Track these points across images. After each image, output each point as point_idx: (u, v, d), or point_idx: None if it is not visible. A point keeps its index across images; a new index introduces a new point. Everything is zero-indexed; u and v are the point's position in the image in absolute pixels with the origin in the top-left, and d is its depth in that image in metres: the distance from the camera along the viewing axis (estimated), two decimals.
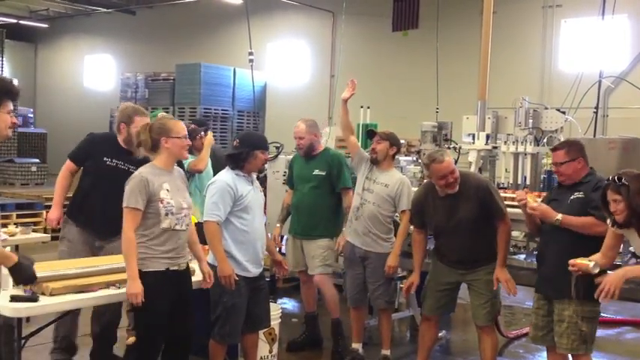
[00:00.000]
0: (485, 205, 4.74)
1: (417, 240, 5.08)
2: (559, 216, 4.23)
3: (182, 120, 15.93)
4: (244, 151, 4.57)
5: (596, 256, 3.97)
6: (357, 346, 5.60)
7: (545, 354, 5.84)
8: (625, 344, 6.23)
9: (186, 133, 4.16)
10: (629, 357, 5.73)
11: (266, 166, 7.64)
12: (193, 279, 4.42)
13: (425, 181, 5.54)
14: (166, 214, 3.99)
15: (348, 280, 5.56)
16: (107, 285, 4.07)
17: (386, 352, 5.52)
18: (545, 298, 4.44)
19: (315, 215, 5.68)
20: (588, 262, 3.92)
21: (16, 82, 4.02)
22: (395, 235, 5.38)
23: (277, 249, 5.64)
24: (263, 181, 6.85)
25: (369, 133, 5.67)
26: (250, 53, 7.74)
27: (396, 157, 7.67)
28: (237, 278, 4.46)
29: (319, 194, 5.69)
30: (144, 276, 3.92)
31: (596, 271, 3.90)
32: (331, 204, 5.75)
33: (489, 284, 4.78)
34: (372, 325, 6.22)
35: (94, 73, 21.56)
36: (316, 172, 5.72)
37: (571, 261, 3.99)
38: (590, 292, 3.96)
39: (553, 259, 4.29)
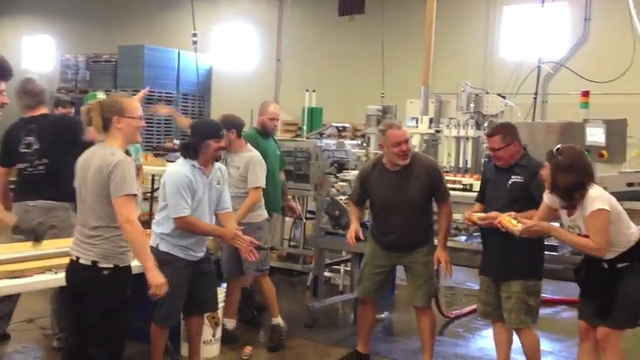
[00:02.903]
0: (433, 185, 4.79)
1: (353, 207, 5.09)
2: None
3: None
4: (196, 140, 4.45)
5: (527, 222, 4.07)
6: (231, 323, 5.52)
7: (484, 332, 6.06)
8: (561, 323, 6.42)
9: (142, 114, 3.79)
10: (564, 335, 5.90)
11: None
12: (134, 263, 4.35)
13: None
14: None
15: (225, 257, 5.46)
16: (44, 270, 3.97)
17: (277, 320, 5.50)
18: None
19: None
20: (515, 225, 4.03)
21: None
22: None
23: None
24: None
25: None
26: (194, 35, 7.62)
27: (343, 141, 7.81)
28: (258, 242, 4.48)
29: None
30: (125, 271, 3.72)
31: (517, 234, 4.02)
32: None
33: (427, 266, 4.85)
34: (317, 307, 6.26)
35: (33, 54, 20.95)
36: None
37: (499, 218, 4.12)
38: (534, 268, 4.32)
39: (499, 244, 4.39)
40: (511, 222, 4.09)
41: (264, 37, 17.77)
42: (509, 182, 4.45)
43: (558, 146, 4.00)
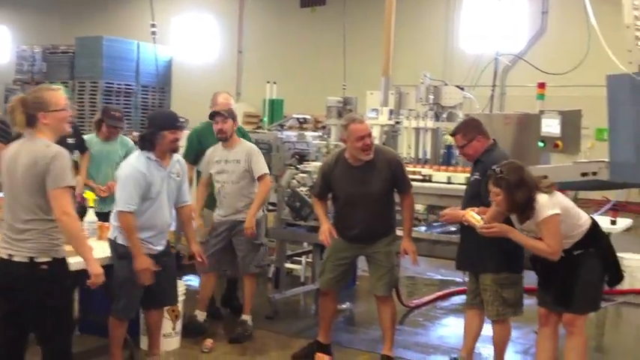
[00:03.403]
0: (395, 178, 4.82)
1: (317, 202, 5.11)
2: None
3: (83, 94, 15.34)
4: (151, 132, 4.39)
5: (487, 222, 4.15)
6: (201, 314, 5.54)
7: (443, 321, 6.15)
8: None
9: (67, 102, 3.63)
10: (521, 322, 5.99)
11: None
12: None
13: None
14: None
15: (208, 249, 5.39)
16: None
17: (247, 317, 5.55)
18: None
19: None
20: (478, 221, 4.12)
21: None
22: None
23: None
24: None
25: (212, 115, 5.45)
26: (153, 26, 7.52)
27: (304, 133, 7.82)
28: (155, 269, 4.35)
29: None
30: (62, 262, 3.61)
31: (479, 229, 4.12)
32: None
33: (389, 256, 4.89)
34: (278, 298, 6.27)
35: None
36: None
37: (465, 214, 4.20)
38: (505, 261, 4.38)
39: (472, 237, 4.43)
40: (474, 217, 4.16)
41: (225, 28, 17.65)
42: (471, 179, 4.54)
43: (496, 168, 4.06)
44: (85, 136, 6.24)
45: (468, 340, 4.77)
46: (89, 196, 5.17)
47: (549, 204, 3.98)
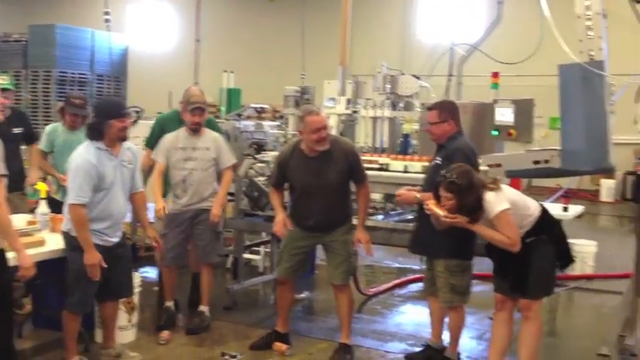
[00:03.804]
0: (352, 169, 4.82)
1: (273, 192, 5.10)
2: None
3: (36, 84, 15.00)
4: (99, 121, 4.32)
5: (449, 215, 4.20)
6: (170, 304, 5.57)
7: (401, 309, 6.21)
8: (474, 297, 6.55)
9: None
10: (476, 308, 6.09)
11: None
12: (41, 250, 4.26)
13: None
14: None
15: (170, 242, 5.38)
16: None
17: (204, 308, 5.55)
18: None
19: None
20: (440, 211, 4.14)
21: None
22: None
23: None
24: None
25: (198, 110, 5.38)
26: (106, 13, 7.38)
27: (261, 122, 7.79)
28: (104, 266, 4.29)
29: None
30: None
31: (442, 218, 4.15)
32: None
33: (345, 244, 4.91)
34: (236, 289, 6.26)
35: None
36: None
37: (428, 203, 4.22)
38: (457, 248, 4.50)
39: (427, 223, 4.50)
40: (437, 205, 4.18)
41: (182, 16, 17.45)
42: (432, 163, 4.57)
43: (445, 173, 4.13)
44: (49, 126, 6.08)
45: (435, 324, 4.89)
46: (41, 187, 5.07)
47: (497, 201, 4.05)
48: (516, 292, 4.22)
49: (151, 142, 5.79)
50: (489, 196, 4.06)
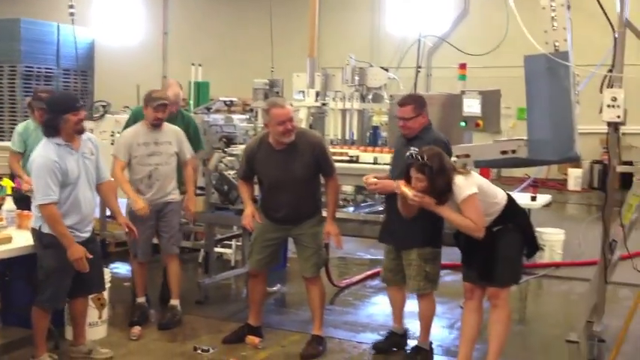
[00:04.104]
0: (319, 162, 4.83)
1: (242, 185, 5.09)
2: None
3: (1, 79, 14.72)
4: (53, 117, 4.25)
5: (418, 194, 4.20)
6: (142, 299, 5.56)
7: (373, 300, 6.25)
8: (445, 286, 6.64)
9: None
10: (447, 298, 6.17)
11: (91, 125, 7.31)
12: (8, 247, 4.20)
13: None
14: None
15: (140, 237, 5.26)
16: None
17: (175, 302, 5.54)
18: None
19: None
20: (410, 191, 4.14)
21: None
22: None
23: None
24: None
25: (162, 106, 5.34)
26: (71, 7, 7.27)
27: (231, 116, 7.77)
28: (90, 256, 4.26)
29: None
30: None
31: (411, 198, 4.14)
32: None
33: (315, 237, 4.93)
34: (208, 283, 6.24)
35: None
36: None
37: (399, 184, 4.22)
38: (429, 237, 4.60)
39: (397, 214, 4.53)
40: (407, 186, 4.18)
41: (149, 9, 17.26)
42: (407, 154, 4.55)
43: (415, 153, 4.14)
44: (20, 125, 5.97)
45: (396, 311, 4.98)
46: (6, 183, 5.00)
47: (466, 184, 4.09)
48: (484, 280, 4.28)
49: None
50: (459, 180, 4.09)
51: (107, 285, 5.01)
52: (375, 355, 4.92)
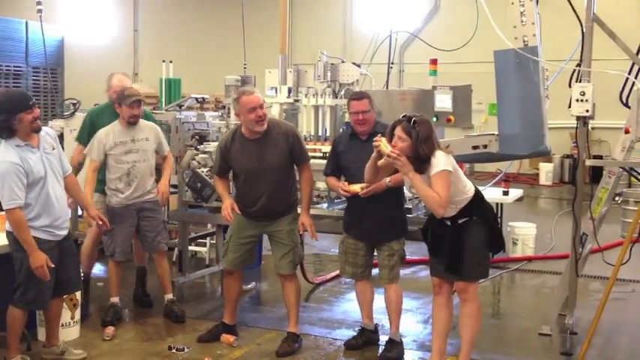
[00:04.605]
0: (293, 150, 4.83)
1: (218, 181, 5.05)
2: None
3: None
4: (5, 118, 4.13)
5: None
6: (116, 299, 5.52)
7: (347, 296, 6.26)
8: (419, 281, 6.74)
9: None
10: (421, 293, 6.21)
11: (61, 123, 7.21)
12: None
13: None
14: None
15: (119, 236, 5.36)
16: None
17: (171, 296, 5.60)
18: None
19: None
20: (386, 147, 4.10)
21: None
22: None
23: None
24: (61, 140, 6.42)
25: (136, 102, 5.31)
26: (38, 3, 7.15)
27: (203, 113, 7.72)
28: (52, 265, 4.20)
29: None
30: None
31: (387, 152, 4.08)
32: None
33: (291, 234, 4.92)
34: (182, 282, 6.21)
35: None
36: None
37: (380, 138, 4.17)
38: (406, 226, 4.82)
39: (378, 212, 4.60)
40: (386, 145, 4.13)
41: (119, 6, 17.07)
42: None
43: (408, 116, 4.14)
44: None
45: (367, 307, 5.01)
46: None
47: (445, 161, 4.09)
48: (451, 272, 4.28)
49: (83, 137, 5.66)
50: (439, 155, 4.10)
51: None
52: (350, 352, 4.93)
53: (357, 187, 4.56)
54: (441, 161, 4.07)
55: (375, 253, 4.89)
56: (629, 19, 12.63)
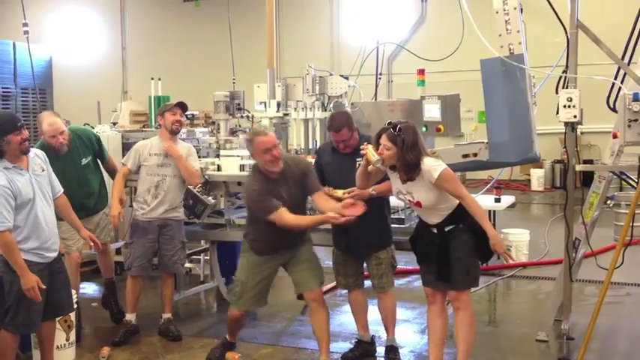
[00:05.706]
0: (310, 182, 4.68)
1: (285, 212, 4.64)
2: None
3: None
4: None
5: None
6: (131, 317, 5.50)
7: (343, 308, 6.23)
8: (414, 291, 6.73)
9: None
10: (417, 303, 6.20)
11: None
12: None
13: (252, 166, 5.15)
14: None
15: (138, 250, 5.40)
16: None
17: (167, 315, 5.57)
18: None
19: None
20: (374, 157, 4.13)
21: None
22: None
23: None
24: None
25: (177, 107, 5.58)
26: (25, 24, 7.15)
27: (193, 129, 7.73)
28: (43, 287, 4.16)
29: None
30: None
31: (377, 164, 4.15)
32: None
33: (310, 249, 4.87)
34: (177, 299, 6.18)
35: None
36: None
37: (367, 146, 4.19)
38: (392, 235, 4.92)
39: (360, 225, 4.53)
40: (373, 153, 4.15)
41: (107, 24, 17.09)
42: (358, 164, 4.52)
43: (393, 123, 4.14)
44: None
45: (361, 316, 5.03)
46: None
47: (435, 163, 4.10)
48: (441, 280, 4.28)
49: None
50: (427, 160, 4.09)
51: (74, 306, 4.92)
52: None
53: (339, 192, 4.59)
54: (432, 166, 4.07)
55: (365, 264, 4.94)
56: (614, 23, 12.73)
